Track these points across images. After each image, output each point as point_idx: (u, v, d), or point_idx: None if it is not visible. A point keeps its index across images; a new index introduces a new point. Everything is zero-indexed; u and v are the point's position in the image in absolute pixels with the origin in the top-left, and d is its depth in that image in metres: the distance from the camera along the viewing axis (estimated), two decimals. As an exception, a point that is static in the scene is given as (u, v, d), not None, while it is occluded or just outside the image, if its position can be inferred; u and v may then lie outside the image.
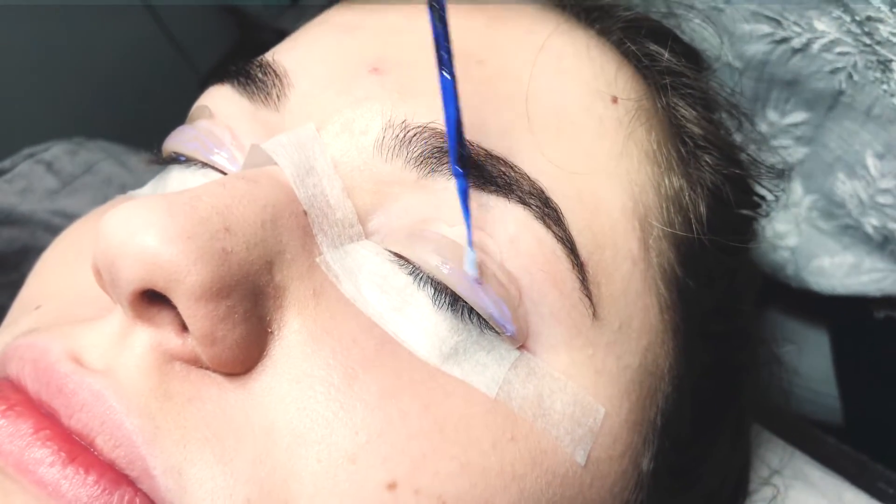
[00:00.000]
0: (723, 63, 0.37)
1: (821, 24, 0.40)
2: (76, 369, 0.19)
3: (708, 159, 0.28)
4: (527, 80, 0.24)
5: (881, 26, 0.36)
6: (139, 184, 0.47)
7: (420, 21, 0.26)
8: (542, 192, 0.23)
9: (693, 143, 0.28)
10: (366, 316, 0.22)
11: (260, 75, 0.25)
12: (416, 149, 0.23)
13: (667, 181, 0.26)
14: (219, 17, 1.31)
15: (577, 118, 0.25)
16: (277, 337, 0.21)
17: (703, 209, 0.27)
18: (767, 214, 0.32)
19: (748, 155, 0.30)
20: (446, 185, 0.23)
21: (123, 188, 0.45)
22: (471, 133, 0.23)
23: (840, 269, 0.48)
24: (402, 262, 0.22)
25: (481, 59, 0.25)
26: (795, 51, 0.42)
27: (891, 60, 0.36)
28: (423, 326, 0.22)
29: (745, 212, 0.29)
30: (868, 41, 0.37)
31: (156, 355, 0.19)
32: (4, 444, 0.18)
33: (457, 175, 0.21)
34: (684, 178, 0.27)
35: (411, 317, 0.22)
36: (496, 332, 0.22)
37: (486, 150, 0.23)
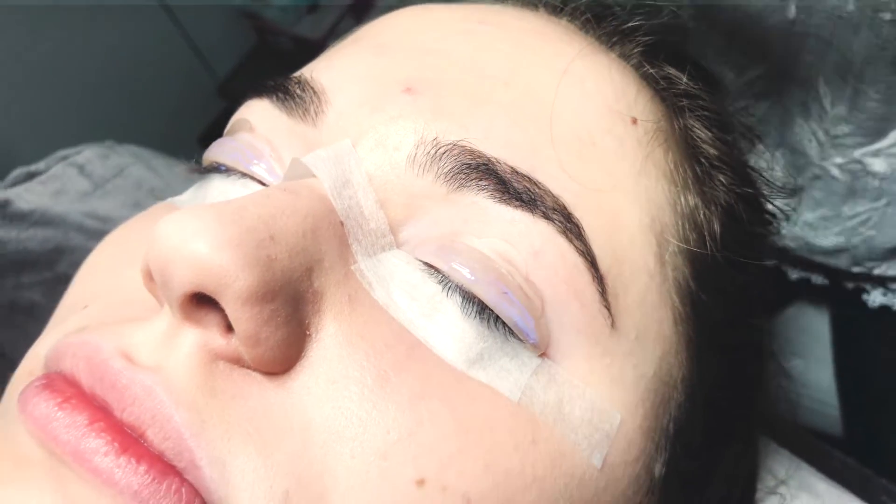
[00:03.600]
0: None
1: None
2: (128, 366, 0.20)
3: (722, 179, 0.29)
4: (551, 103, 0.25)
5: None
6: (167, 187, 0.49)
7: (451, 42, 0.27)
8: (565, 207, 0.24)
9: (708, 163, 0.29)
10: (397, 322, 0.23)
11: (298, 92, 0.26)
12: (445, 165, 0.24)
13: (683, 199, 0.27)
14: (237, 22, 1.33)
15: (598, 138, 0.26)
16: (315, 340, 0.22)
17: (716, 226, 0.28)
18: (779, 232, 0.33)
19: (760, 175, 0.31)
20: (474, 200, 0.24)
21: (152, 191, 0.47)
22: (498, 151, 0.24)
23: (822, 222, 0.47)
24: (432, 271, 0.23)
25: (507, 81, 0.26)
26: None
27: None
28: (451, 333, 0.23)
29: (756, 228, 0.30)
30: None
31: (202, 354, 0.21)
32: (62, 435, 0.19)
33: None
34: (699, 196, 0.28)
35: (440, 323, 0.23)
36: (520, 339, 0.23)
37: (512, 167, 0.24)
